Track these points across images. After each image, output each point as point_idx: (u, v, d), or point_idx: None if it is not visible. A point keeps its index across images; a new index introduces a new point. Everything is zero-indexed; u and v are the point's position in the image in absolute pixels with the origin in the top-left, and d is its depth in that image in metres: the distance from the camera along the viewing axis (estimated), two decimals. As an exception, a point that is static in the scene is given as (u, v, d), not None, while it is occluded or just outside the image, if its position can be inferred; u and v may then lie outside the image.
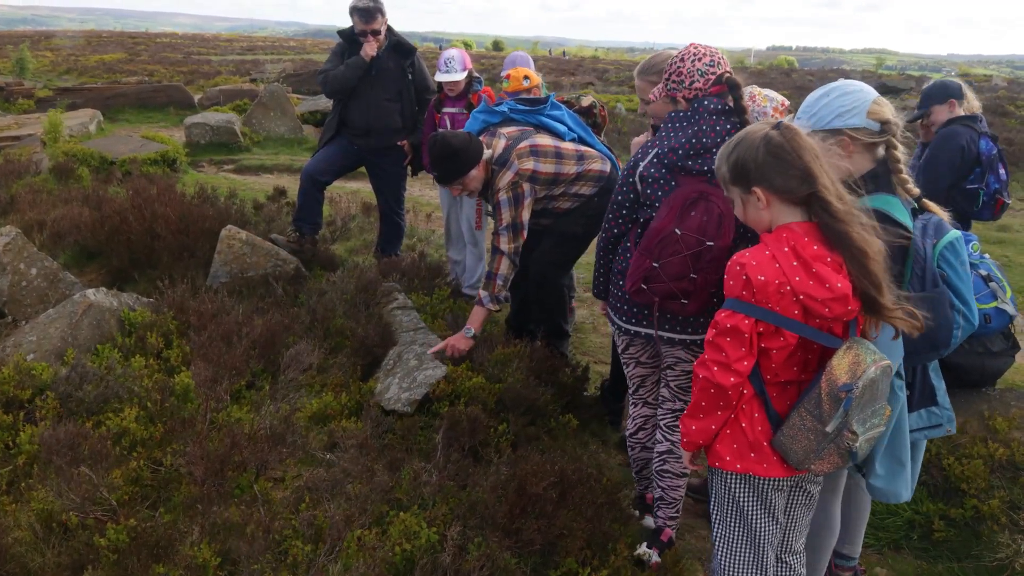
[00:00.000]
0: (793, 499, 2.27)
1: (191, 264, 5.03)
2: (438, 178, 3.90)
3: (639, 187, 2.86)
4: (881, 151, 2.36)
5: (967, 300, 2.31)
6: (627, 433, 3.25)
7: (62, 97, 14.51)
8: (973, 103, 4.51)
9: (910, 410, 2.42)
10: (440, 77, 5.14)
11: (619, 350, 3.15)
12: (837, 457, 2.05)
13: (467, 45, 52.50)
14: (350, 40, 5.35)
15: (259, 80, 19.93)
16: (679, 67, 2.83)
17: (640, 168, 2.85)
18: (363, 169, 5.84)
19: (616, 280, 3.00)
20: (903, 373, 2.30)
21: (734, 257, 2.06)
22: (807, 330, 2.01)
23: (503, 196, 3.76)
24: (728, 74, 2.80)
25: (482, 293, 3.83)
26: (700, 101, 2.78)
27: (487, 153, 3.81)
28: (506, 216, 3.78)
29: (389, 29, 5.34)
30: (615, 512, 2.99)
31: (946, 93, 4.43)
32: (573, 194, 3.96)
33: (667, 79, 2.87)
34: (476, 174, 3.78)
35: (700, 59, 2.81)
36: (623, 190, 2.93)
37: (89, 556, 2.49)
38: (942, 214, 2.38)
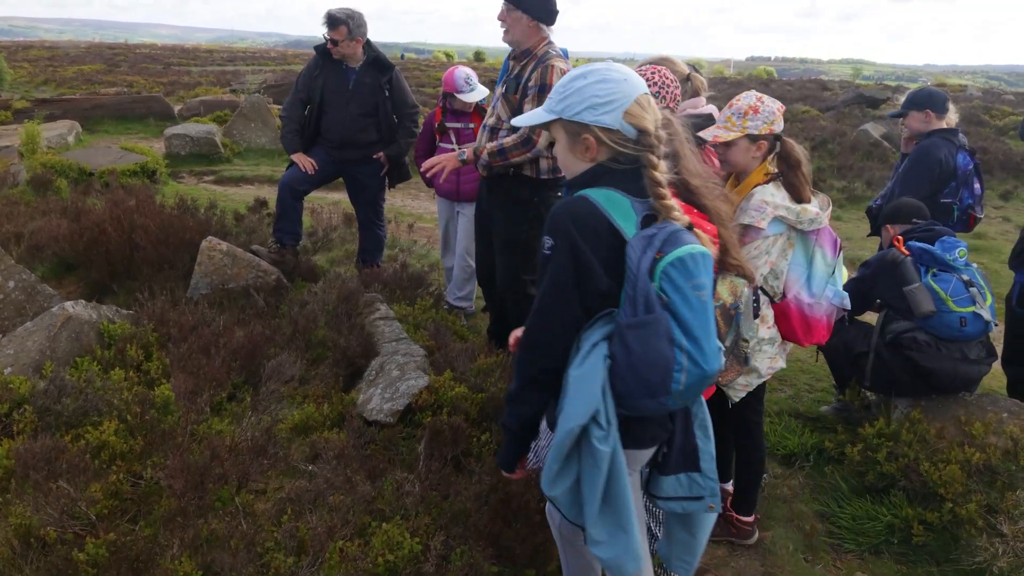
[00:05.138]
0: None
1: (171, 276, 5.00)
2: None
3: None
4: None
5: (696, 336, 1.74)
6: None
7: (40, 108, 14.37)
8: (950, 116, 4.54)
9: (666, 472, 2.00)
10: (471, 98, 5.12)
11: None
12: (737, 365, 2.63)
13: (448, 56, 52.62)
14: (323, 54, 5.35)
15: (239, 91, 19.86)
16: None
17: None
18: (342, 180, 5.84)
19: None
20: (603, 422, 1.78)
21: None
22: None
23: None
24: None
25: (485, 155, 3.99)
26: None
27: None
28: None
29: (369, 44, 5.34)
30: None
31: (927, 103, 4.42)
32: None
33: None
34: (530, 22, 3.87)
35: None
36: None
37: (68, 571, 2.46)
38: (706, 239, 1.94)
